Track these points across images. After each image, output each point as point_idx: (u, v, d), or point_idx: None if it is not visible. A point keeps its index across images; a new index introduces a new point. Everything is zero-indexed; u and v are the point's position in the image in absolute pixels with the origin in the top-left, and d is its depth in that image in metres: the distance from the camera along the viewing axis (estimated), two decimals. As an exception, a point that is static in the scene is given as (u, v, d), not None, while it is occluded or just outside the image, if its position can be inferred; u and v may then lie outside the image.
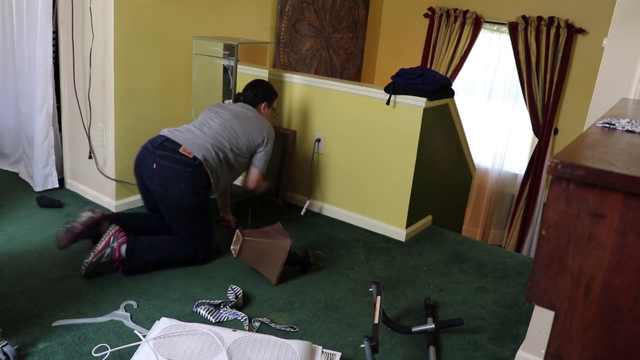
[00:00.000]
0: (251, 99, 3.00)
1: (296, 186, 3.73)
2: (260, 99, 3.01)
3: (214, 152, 2.66)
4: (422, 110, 3.10)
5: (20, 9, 3.30)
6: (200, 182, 2.60)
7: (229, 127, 2.79)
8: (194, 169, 2.57)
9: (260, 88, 3.03)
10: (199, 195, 2.61)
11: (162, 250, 2.61)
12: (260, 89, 3.03)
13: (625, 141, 1.24)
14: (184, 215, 2.64)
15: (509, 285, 2.85)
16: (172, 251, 2.64)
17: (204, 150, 2.63)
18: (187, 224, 2.65)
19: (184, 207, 2.60)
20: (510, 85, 5.33)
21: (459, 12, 5.30)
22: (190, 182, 2.56)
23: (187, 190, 2.57)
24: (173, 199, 2.59)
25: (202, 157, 2.59)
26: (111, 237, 2.46)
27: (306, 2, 4.54)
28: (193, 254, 2.68)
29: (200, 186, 2.60)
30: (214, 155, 2.66)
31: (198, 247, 2.68)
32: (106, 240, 2.45)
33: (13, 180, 3.63)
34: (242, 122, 2.84)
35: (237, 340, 1.96)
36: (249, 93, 3.01)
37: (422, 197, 3.41)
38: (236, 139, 2.78)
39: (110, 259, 2.46)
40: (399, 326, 2.33)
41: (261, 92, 3.02)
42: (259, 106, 3.01)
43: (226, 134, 2.76)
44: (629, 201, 0.94)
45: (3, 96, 3.67)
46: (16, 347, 1.94)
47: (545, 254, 1.03)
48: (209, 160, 2.62)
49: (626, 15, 2.27)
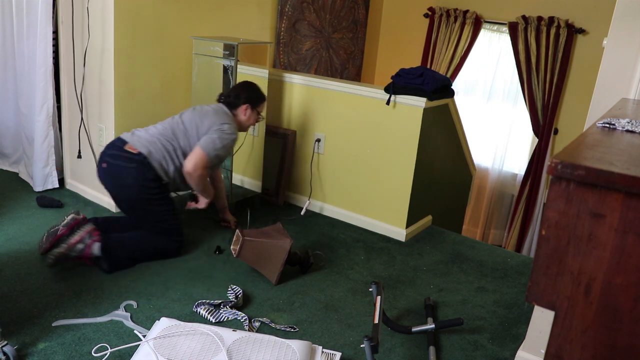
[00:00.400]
0: (232, 100, 2.92)
1: (296, 186, 3.73)
2: (242, 101, 2.91)
3: (161, 145, 2.66)
4: (422, 110, 3.10)
5: (20, 9, 3.29)
6: (146, 175, 2.61)
7: (182, 122, 2.77)
8: (138, 164, 2.59)
9: (243, 90, 2.95)
10: (149, 189, 2.64)
11: (132, 245, 2.67)
12: (243, 91, 2.94)
13: (625, 141, 1.24)
14: (141, 211, 2.69)
15: (509, 285, 2.85)
16: (142, 245, 2.69)
17: (150, 144, 2.64)
18: (147, 219, 2.71)
19: (137, 202, 2.66)
20: (510, 85, 5.33)
21: (459, 12, 5.30)
22: (136, 177, 2.60)
23: (134, 185, 2.62)
24: (124, 195, 2.68)
25: (147, 152, 2.61)
26: (85, 234, 2.51)
27: (306, 2, 4.54)
28: (164, 246, 2.73)
29: (147, 179, 2.62)
30: (161, 147, 2.66)
31: (167, 239, 2.73)
32: (80, 235, 2.49)
33: (13, 180, 3.63)
34: (196, 116, 2.79)
35: (237, 340, 1.96)
36: (231, 93, 2.95)
37: (422, 197, 3.41)
38: (185, 132, 2.74)
39: (80, 254, 2.49)
40: (399, 326, 2.33)
41: (243, 94, 2.93)
42: (240, 108, 2.91)
43: (179, 129, 2.74)
44: (629, 201, 0.94)
45: (3, 96, 3.67)
46: (16, 347, 1.94)
47: (545, 254, 1.03)
48: (154, 154, 2.63)
49: (626, 15, 2.27)
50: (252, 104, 2.93)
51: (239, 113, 2.92)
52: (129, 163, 2.60)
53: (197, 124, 2.76)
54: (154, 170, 2.63)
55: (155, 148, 2.65)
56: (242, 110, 2.92)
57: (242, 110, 2.92)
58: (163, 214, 2.71)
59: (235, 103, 2.91)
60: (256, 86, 3.01)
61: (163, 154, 2.66)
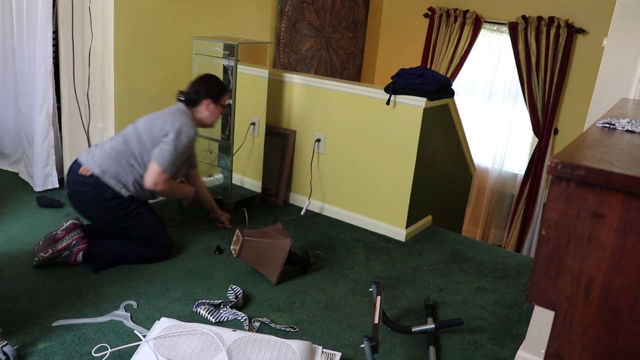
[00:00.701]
0: (191, 98, 2.76)
1: (296, 186, 3.73)
2: (202, 96, 2.76)
3: (113, 159, 2.57)
4: (422, 110, 3.10)
5: (20, 9, 3.29)
6: (103, 195, 2.53)
7: (136, 129, 2.65)
8: (92, 185, 2.53)
9: (201, 85, 2.78)
10: (110, 208, 2.56)
11: (116, 252, 2.65)
12: (202, 86, 2.77)
13: (625, 141, 1.24)
14: (112, 228, 2.64)
15: (509, 285, 2.85)
16: (126, 253, 2.66)
17: (103, 161, 2.55)
18: (122, 233, 2.65)
19: (106, 222, 2.62)
20: (510, 85, 5.33)
21: (459, 12, 5.30)
22: (93, 199, 2.55)
23: (95, 207, 2.57)
24: (92, 217, 2.65)
25: (100, 171, 2.53)
26: (73, 242, 2.56)
27: (306, 2, 4.54)
28: (148, 254, 2.69)
29: (105, 199, 2.54)
30: (114, 162, 2.56)
31: (149, 248, 2.69)
32: (68, 242, 2.56)
33: (13, 180, 3.63)
34: (150, 120, 2.67)
35: (237, 340, 1.96)
36: (190, 91, 2.78)
37: (422, 197, 3.41)
38: (139, 139, 2.61)
39: (66, 261, 2.57)
40: (399, 326, 2.33)
41: (202, 89, 2.76)
42: (201, 105, 2.77)
43: (132, 138, 2.62)
44: (629, 201, 0.94)
45: (3, 96, 3.67)
46: (16, 347, 1.94)
47: (545, 254, 1.03)
48: (107, 170, 2.54)
49: (626, 15, 2.27)
50: (213, 99, 2.78)
51: (201, 110, 2.78)
52: (84, 187, 2.54)
53: (150, 129, 2.63)
54: (110, 189, 2.54)
55: (109, 164, 2.55)
56: (204, 106, 2.77)
57: (204, 107, 2.78)
58: (137, 228, 2.65)
59: (195, 100, 2.76)
60: (216, 78, 2.86)
61: (117, 168, 2.56)
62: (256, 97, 3.46)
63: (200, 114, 2.80)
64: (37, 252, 2.58)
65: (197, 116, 2.80)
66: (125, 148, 2.60)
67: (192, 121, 2.73)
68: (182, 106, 2.77)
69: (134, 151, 2.60)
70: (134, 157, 2.60)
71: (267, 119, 3.62)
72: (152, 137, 2.61)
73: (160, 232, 2.73)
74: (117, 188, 2.55)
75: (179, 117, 2.67)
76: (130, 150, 2.60)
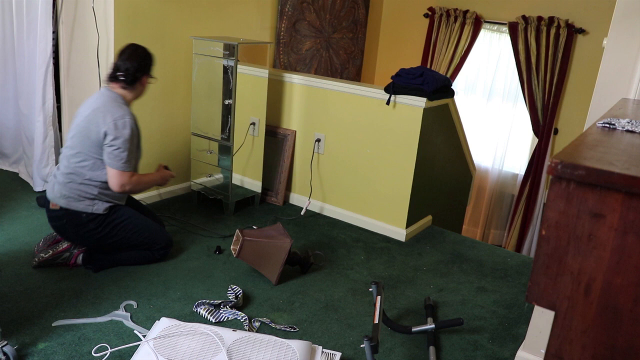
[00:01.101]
0: (132, 78, 2.51)
1: (296, 186, 3.73)
2: (142, 73, 2.55)
3: (70, 183, 2.46)
4: (422, 110, 3.10)
5: (20, 9, 3.29)
6: (79, 222, 2.48)
7: (70, 146, 2.49)
8: (65, 218, 2.49)
9: (138, 60, 2.53)
10: (92, 230, 2.49)
11: (117, 256, 2.63)
12: (139, 62, 2.53)
13: (625, 141, 1.24)
14: (105, 245, 2.59)
15: (509, 285, 2.85)
16: (127, 256, 2.65)
17: (62, 190, 2.46)
18: (120, 246, 2.61)
19: (96, 243, 2.56)
20: (510, 85, 5.33)
21: (459, 12, 5.30)
22: (74, 228, 2.50)
23: (78, 235, 2.51)
24: (82, 243, 2.58)
25: (65, 202, 2.46)
26: (73, 244, 2.59)
27: (306, 2, 4.54)
28: (147, 256, 2.68)
29: (82, 224, 2.48)
30: (71, 186, 2.46)
31: (149, 251, 2.67)
32: (68, 244, 2.58)
33: (13, 180, 3.63)
34: (80, 128, 2.46)
35: (237, 340, 1.96)
36: (128, 70, 2.50)
37: (422, 197, 3.41)
38: (77, 151, 2.46)
39: (66, 262, 2.58)
40: (399, 326, 2.33)
41: (142, 66, 2.54)
42: (139, 82, 2.55)
43: (72, 153, 2.46)
44: (629, 201, 0.94)
45: (3, 96, 3.67)
46: (16, 347, 1.94)
47: (545, 254, 1.03)
48: (71, 197, 2.46)
49: (626, 15, 2.27)
50: (149, 72, 2.60)
51: (137, 87, 2.57)
52: (61, 220, 2.50)
53: (87, 136, 2.43)
54: (83, 213, 2.46)
55: (68, 191, 2.45)
56: (142, 83, 2.58)
57: (142, 83, 2.58)
58: (130, 237, 2.59)
59: (135, 77, 2.53)
60: (146, 50, 2.61)
61: (77, 190, 2.46)
62: (256, 97, 3.47)
63: (135, 91, 2.58)
64: (37, 253, 2.58)
65: (130, 94, 2.56)
66: (70, 167, 2.46)
67: (123, 105, 2.50)
68: (106, 95, 2.50)
69: (83, 164, 2.45)
70: (86, 169, 2.45)
71: (267, 119, 3.62)
72: (92, 144, 2.43)
73: (156, 234, 2.67)
74: (89, 209, 2.47)
75: (110, 111, 2.43)
76: (79, 168, 2.45)
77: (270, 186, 3.73)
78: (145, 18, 3.16)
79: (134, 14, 3.10)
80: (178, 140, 3.56)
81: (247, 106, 3.41)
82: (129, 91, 2.55)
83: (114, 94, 2.51)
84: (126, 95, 2.55)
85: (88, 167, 2.45)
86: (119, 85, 2.53)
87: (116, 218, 2.54)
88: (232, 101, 3.22)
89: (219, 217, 3.36)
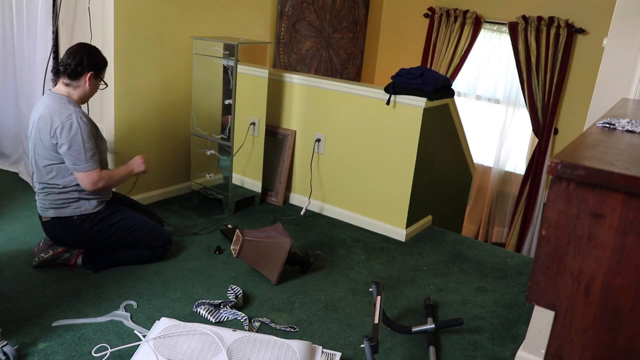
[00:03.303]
0: (73, 69, 2.42)
1: (296, 186, 3.73)
2: (85, 69, 2.45)
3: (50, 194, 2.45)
4: (422, 110, 3.10)
5: (20, 9, 3.29)
6: (73, 223, 2.48)
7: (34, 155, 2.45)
8: (59, 225, 2.49)
9: (84, 55, 2.44)
10: (88, 230, 2.49)
11: (118, 255, 2.63)
12: (85, 56, 2.44)
13: (625, 141, 1.24)
14: (107, 246, 2.59)
15: (509, 285, 2.85)
16: (127, 255, 2.65)
17: (46, 203, 2.47)
18: (120, 245, 2.61)
19: (95, 244, 2.57)
20: (511, 85, 5.33)
21: (459, 12, 5.29)
22: (69, 233, 2.50)
23: (76, 237, 2.52)
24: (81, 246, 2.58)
25: (53, 212, 2.46)
26: None
27: (306, 2, 4.54)
28: (151, 254, 2.68)
29: (77, 225, 2.48)
30: (52, 197, 2.45)
31: (148, 250, 2.67)
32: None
33: (13, 180, 3.63)
34: (35, 138, 2.42)
35: (237, 340, 1.96)
36: (70, 62, 2.42)
37: (422, 197, 3.41)
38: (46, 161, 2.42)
39: (66, 263, 2.58)
40: (399, 326, 2.33)
41: (86, 60, 2.44)
42: (82, 78, 2.45)
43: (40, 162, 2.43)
44: (629, 201, 0.94)
45: (3, 96, 3.67)
46: (16, 347, 1.94)
47: (545, 254, 1.03)
48: (58, 206, 2.46)
49: (626, 15, 2.27)
50: (95, 71, 2.50)
51: (81, 84, 2.46)
52: (55, 229, 2.50)
53: (42, 148, 2.40)
54: (73, 216, 2.46)
55: (51, 202, 2.45)
56: (84, 79, 2.46)
57: (84, 80, 2.46)
58: (129, 236, 2.58)
59: (77, 72, 2.43)
60: (97, 50, 2.56)
61: (59, 200, 2.45)
62: (256, 97, 3.46)
63: (79, 89, 2.47)
64: (38, 253, 2.58)
65: (75, 92, 2.47)
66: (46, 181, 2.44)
67: (68, 105, 2.41)
68: (49, 99, 2.44)
69: (51, 175, 2.43)
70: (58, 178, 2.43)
71: (267, 119, 3.62)
72: (50, 151, 2.39)
73: (155, 232, 2.67)
74: (78, 211, 2.47)
75: (55, 115, 2.36)
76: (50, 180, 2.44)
77: (270, 186, 3.73)
78: (145, 18, 3.16)
79: (133, 14, 3.10)
80: (178, 140, 3.56)
81: (247, 106, 3.41)
82: (73, 88, 2.46)
83: (57, 96, 2.44)
84: (71, 93, 2.47)
85: (58, 177, 2.43)
86: (62, 83, 2.46)
87: (112, 218, 2.54)
88: (232, 101, 3.22)
89: (219, 217, 3.36)
